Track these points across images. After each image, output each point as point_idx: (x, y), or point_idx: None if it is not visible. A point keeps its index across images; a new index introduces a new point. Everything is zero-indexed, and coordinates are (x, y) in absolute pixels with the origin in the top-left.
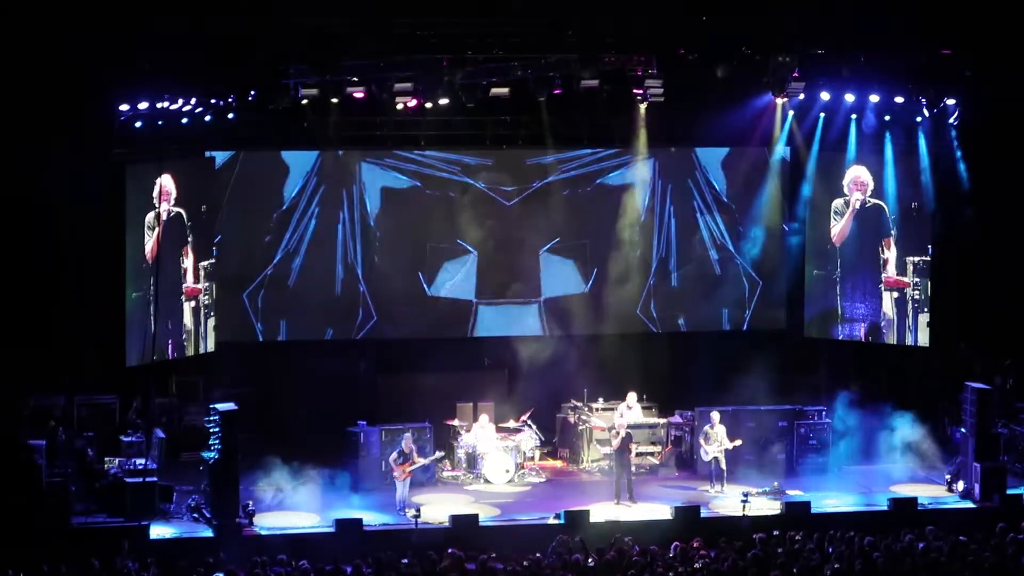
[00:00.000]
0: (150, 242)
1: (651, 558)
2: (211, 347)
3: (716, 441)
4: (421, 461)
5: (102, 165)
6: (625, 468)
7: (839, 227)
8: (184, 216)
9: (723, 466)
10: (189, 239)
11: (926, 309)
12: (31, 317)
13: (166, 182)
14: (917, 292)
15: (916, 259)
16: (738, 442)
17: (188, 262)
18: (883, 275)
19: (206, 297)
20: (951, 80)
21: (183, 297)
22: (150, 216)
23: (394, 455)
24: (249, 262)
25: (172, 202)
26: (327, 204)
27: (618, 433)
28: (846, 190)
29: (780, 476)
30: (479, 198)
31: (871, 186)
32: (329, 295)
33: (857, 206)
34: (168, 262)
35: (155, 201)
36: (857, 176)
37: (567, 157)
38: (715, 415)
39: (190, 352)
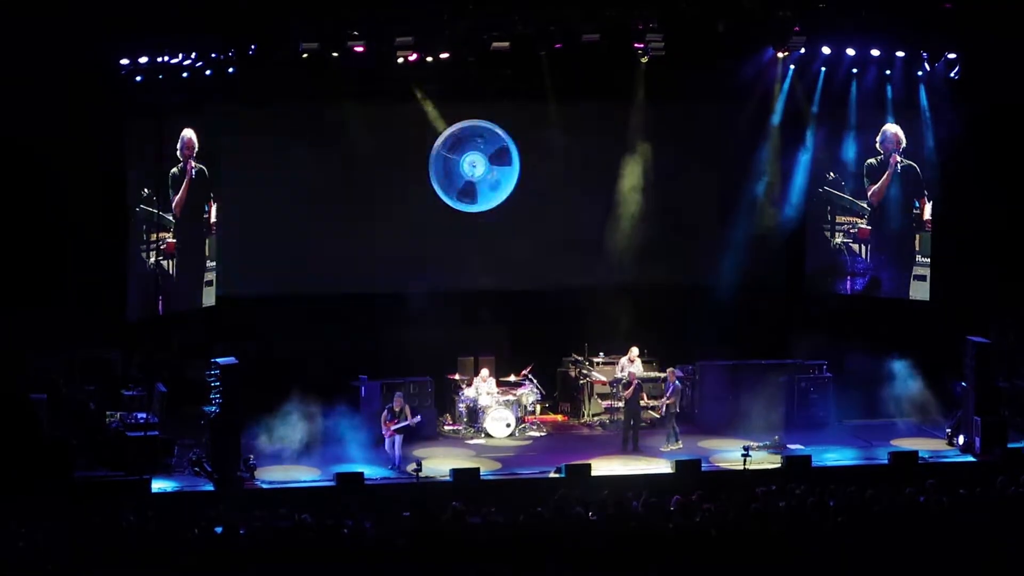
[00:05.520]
0: (177, 196)
1: (651, 512)
2: (212, 301)
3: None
4: (403, 423)
5: (102, 119)
6: (635, 417)
7: (877, 186)
8: (206, 171)
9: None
10: (211, 194)
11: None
12: (32, 271)
13: (189, 136)
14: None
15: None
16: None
17: (213, 216)
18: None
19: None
20: (953, 34)
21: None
22: (175, 170)
23: (384, 413)
24: (253, 216)
25: (195, 156)
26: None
27: (630, 382)
28: (879, 147)
29: (780, 430)
30: None
31: (904, 143)
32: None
33: (898, 169)
34: (191, 217)
35: (178, 155)
36: (895, 133)
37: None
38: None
39: (200, 304)
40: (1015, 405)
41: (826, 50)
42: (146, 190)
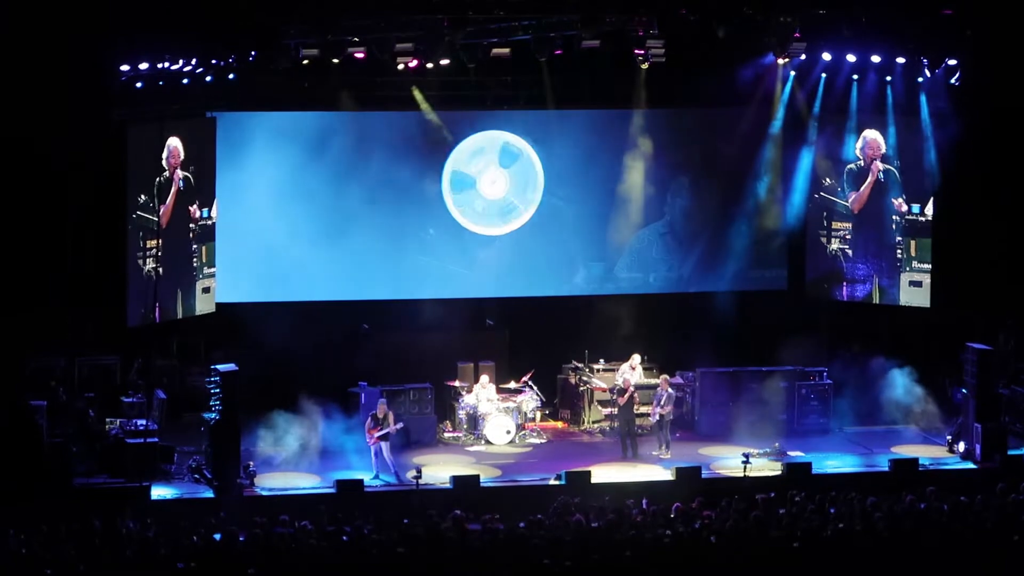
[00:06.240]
0: (164, 206)
1: (651, 518)
2: (212, 308)
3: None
4: (385, 430)
5: (103, 125)
6: (630, 424)
7: (858, 193)
8: (192, 180)
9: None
10: (196, 201)
11: (908, 268)
12: (32, 277)
13: (175, 144)
14: (900, 251)
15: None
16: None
17: (198, 223)
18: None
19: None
20: (953, 40)
21: (192, 257)
22: (161, 179)
23: (368, 420)
24: (253, 222)
25: (181, 165)
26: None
27: (624, 389)
28: (859, 154)
29: (781, 437)
30: None
31: (884, 149)
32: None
33: (880, 176)
34: (178, 225)
35: (164, 164)
36: (874, 139)
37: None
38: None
39: (193, 312)
40: (1015, 412)
41: (826, 56)
42: (143, 196)
